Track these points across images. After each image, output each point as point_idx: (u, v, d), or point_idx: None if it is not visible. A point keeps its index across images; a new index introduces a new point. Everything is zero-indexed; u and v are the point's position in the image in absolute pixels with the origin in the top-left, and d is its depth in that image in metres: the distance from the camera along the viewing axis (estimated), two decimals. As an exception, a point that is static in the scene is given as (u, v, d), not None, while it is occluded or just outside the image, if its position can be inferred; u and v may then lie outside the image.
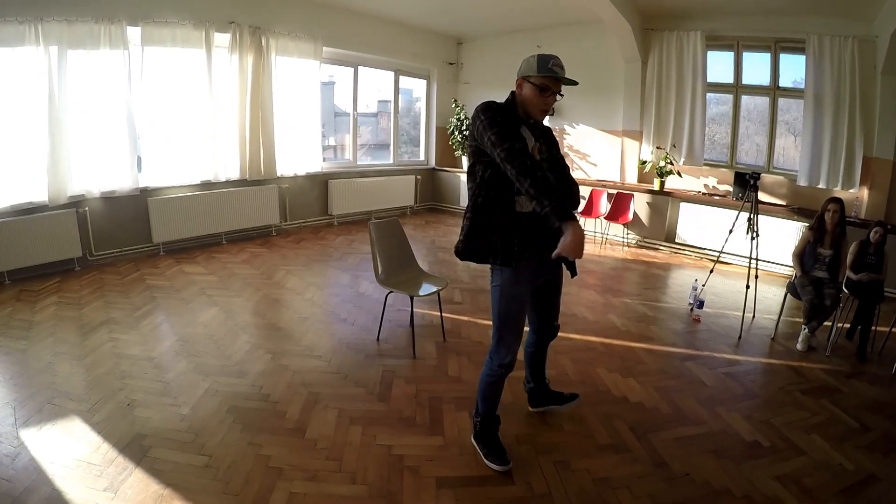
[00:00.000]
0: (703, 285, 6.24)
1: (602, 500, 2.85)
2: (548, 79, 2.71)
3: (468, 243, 2.87)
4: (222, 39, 8.00)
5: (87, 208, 6.87)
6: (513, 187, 2.71)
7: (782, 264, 7.90)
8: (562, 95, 2.81)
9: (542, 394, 3.65)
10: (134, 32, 7.05)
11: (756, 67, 9.11)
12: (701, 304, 6.08)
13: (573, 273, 3.13)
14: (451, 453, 3.20)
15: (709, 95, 9.45)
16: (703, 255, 8.83)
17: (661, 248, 9.52)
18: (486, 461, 3.09)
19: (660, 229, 9.52)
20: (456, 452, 3.21)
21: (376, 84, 11.70)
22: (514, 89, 2.86)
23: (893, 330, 5.36)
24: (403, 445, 3.24)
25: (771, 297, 6.45)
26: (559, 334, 3.47)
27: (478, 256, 2.88)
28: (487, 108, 2.71)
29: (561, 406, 3.66)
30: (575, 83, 2.79)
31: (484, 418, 3.16)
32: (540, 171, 2.56)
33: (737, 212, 6.22)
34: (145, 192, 7.43)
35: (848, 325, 5.58)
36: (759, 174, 5.90)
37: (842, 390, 4.40)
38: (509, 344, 2.97)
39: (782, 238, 7.62)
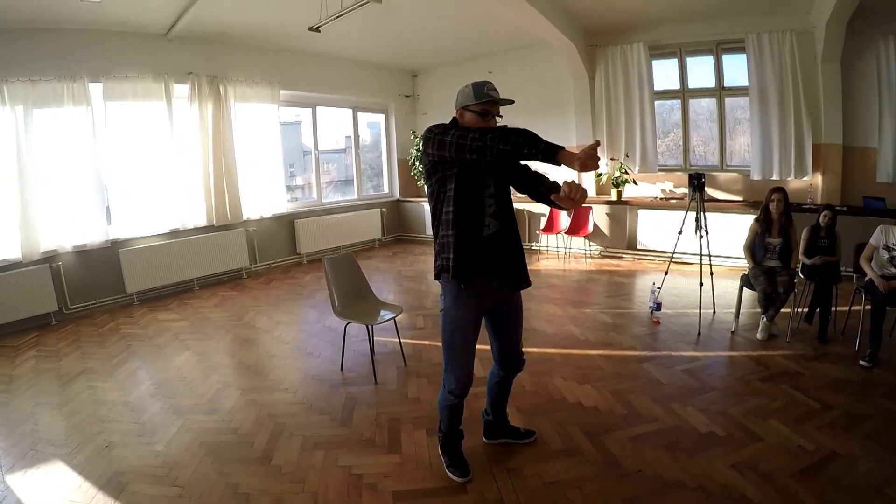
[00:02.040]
0: (660, 287, 6.40)
1: (553, 502, 2.99)
2: (487, 103, 2.82)
3: (435, 262, 2.99)
4: (181, 90, 8.25)
5: (60, 263, 7.03)
6: (470, 204, 2.85)
7: (740, 258, 7.99)
8: (500, 116, 2.93)
9: (500, 428, 3.64)
10: (96, 88, 7.29)
11: (701, 71, 9.44)
12: (659, 307, 6.25)
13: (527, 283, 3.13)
14: (407, 469, 3.38)
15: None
16: (665, 259, 8.95)
17: (623, 256, 9.78)
18: (447, 471, 3.25)
19: (621, 238, 9.79)
20: (412, 467, 3.39)
21: (344, 120, 11.97)
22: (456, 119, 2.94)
23: (853, 308, 5.50)
24: (363, 465, 3.42)
25: (731, 292, 6.47)
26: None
27: (437, 273, 2.99)
28: (438, 124, 2.83)
29: (517, 441, 3.63)
30: (511, 102, 2.90)
31: (446, 434, 3.31)
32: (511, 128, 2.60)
33: (686, 213, 6.36)
34: (116, 244, 7.59)
35: (806, 310, 5.79)
36: (702, 174, 6.08)
37: (803, 373, 4.56)
38: (454, 370, 3.04)
39: (739, 233, 7.56)
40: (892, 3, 7.32)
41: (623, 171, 9.53)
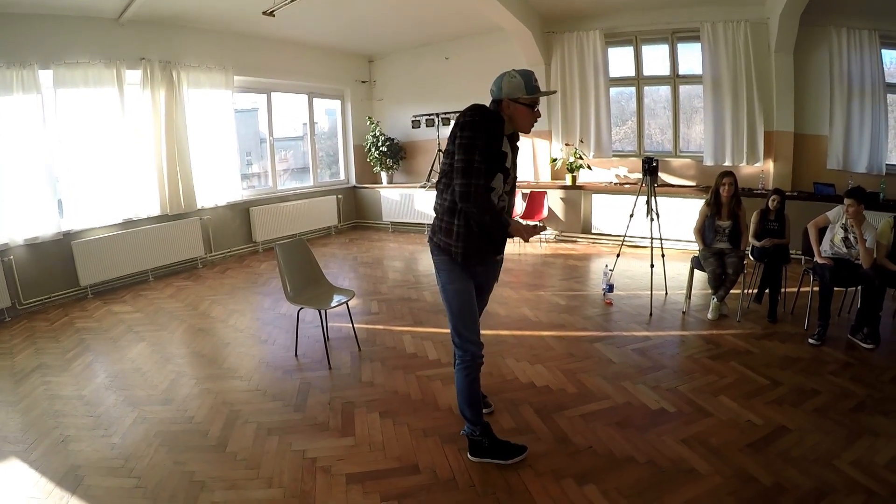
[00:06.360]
0: (612, 270, 6.51)
1: (504, 479, 3.06)
2: (536, 97, 3.00)
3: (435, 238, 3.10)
4: (134, 76, 8.09)
5: (11, 257, 6.85)
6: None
7: (692, 241, 8.06)
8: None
9: None
10: (46, 75, 7.09)
11: (656, 59, 9.62)
12: (611, 288, 6.37)
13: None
14: (360, 451, 3.45)
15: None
16: (619, 242, 9.11)
17: (578, 240, 9.97)
18: (506, 462, 3.21)
19: (576, 222, 9.98)
20: (365, 450, 3.46)
21: (301, 107, 11.92)
22: (502, 108, 3.06)
23: (802, 289, 5.70)
24: (316, 449, 3.50)
25: (683, 274, 6.36)
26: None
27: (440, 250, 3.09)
28: (472, 125, 2.89)
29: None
30: (554, 92, 3.19)
31: (480, 425, 3.24)
32: (487, 205, 2.91)
33: (636, 196, 6.43)
34: (68, 236, 7.44)
35: (756, 291, 5.97)
36: (654, 159, 6.17)
37: (752, 351, 4.74)
38: (472, 334, 3.14)
39: (691, 217, 7.55)
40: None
41: (578, 156, 9.68)
